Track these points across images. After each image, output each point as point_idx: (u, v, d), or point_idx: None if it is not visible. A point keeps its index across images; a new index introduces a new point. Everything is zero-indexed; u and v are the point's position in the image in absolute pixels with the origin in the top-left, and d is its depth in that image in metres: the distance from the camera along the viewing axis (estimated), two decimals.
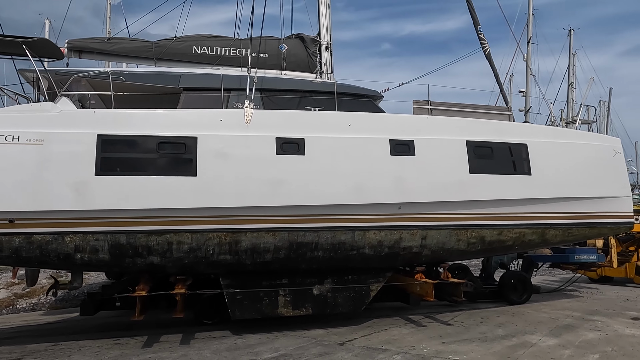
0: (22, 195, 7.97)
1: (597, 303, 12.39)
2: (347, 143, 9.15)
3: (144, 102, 9.08)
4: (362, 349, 8.17)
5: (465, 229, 9.88)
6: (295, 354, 7.95)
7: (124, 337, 9.44)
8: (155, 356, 7.98)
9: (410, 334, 9.24)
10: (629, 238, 15.46)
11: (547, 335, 8.90)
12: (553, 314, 10.94)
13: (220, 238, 8.75)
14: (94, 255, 8.43)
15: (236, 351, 8.20)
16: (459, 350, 8.02)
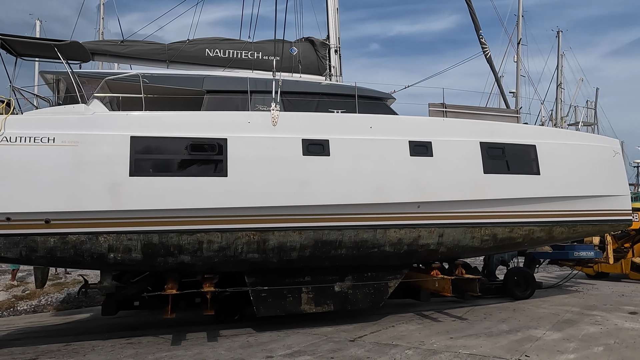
0: (57, 196, 8.06)
1: (594, 298, 12.74)
2: (369, 144, 9.45)
3: (167, 104, 9.19)
4: (373, 345, 8.36)
5: (479, 227, 10.27)
6: (308, 350, 8.12)
7: (134, 337, 9.52)
8: (170, 354, 8.08)
9: (417, 330, 9.46)
10: (624, 235, 15.96)
11: (550, 330, 9.17)
12: (553, 310, 11.25)
13: (248, 237, 8.95)
14: (127, 254, 8.54)
15: (250, 348, 8.34)
16: (467, 344, 8.25)
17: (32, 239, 8.17)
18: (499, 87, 12.88)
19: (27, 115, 8.58)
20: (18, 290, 15.84)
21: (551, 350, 7.76)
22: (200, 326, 10.41)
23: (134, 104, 9.09)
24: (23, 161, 8.03)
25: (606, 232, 13.56)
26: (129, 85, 9.12)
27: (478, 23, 12.29)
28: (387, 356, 7.64)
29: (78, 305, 14.65)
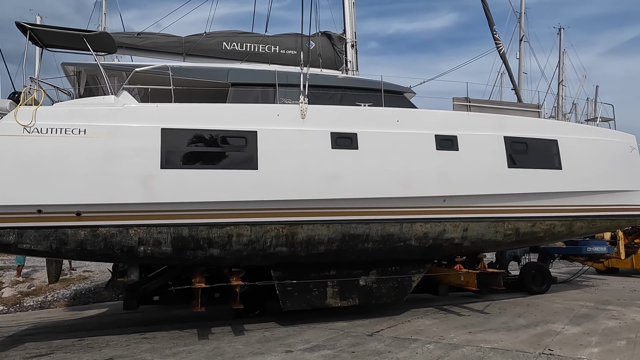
0: (89, 188, 7.95)
1: (606, 294, 12.70)
2: (396, 138, 9.42)
3: (190, 97, 9.06)
4: (392, 339, 8.28)
5: (503, 221, 10.26)
6: (327, 344, 8.02)
7: (148, 332, 9.40)
8: (187, 349, 7.97)
9: (434, 325, 9.38)
10: (634, 231, 15.99)
11: (568, 324, 9.11)
12: (567, 304, 11.19)
13: (277, 230, 8.89)
14: (157, 248, 8.45)
15: (267, 343, 8.24)
16: (487, 339, 8.17)
17: (63, 232, 8.05)
18: (512, 83, 12.87)
19: (57, 106, 8.45)
20: (23, 286, 15.68)
21: (573, 344, 7.69)
22: (213, 321, 10.31)
23: (158, 97, 9.01)
24: (54, 153, 7.91)
25: (623, 227, 13.57)
26: (152, 77, 9.00)
27: (492, 19, 12.41)
28: (408, 350, 7.55)
29: (85, 301, 14.54)
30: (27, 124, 7.87)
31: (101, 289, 15.89)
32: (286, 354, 7.48)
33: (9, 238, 7.91)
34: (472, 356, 7.14)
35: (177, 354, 7.69)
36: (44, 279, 16.96)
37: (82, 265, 20.21)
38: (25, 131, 7.85)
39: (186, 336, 9.00)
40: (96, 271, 18.44)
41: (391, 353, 7.41)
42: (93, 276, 17.59)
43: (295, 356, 7.37)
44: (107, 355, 7.70)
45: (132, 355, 7.68)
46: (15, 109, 7.95)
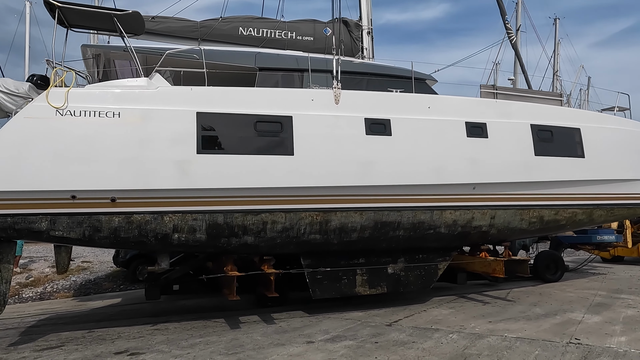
0: (124, 173, 7.69)
1: (615, 282, 12.66)
2: (428, 125, 9.34)
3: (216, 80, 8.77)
4: (412, 329, 8.11)
5: (528, 209, 10.25)
6: (348, 335, 7.83)
7: (159, 323, 9.15)
8: (204, 340, 7.74)
9: (451, 314, 9.23)
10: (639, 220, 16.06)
11: (587, 313, 9.01)
12: (580, 294, 11.12)
13: (312, 217, 8.75)
14: (191, 235, 8.23)
15: (285, 334, 8.03)
16: (510, 328, 8.03)
17: (97, 219, 7.79)
18: (523, 72, 12.81)
19: (88, 88, 8.12)
20: (22, 277, 15.30)
21: (599, 333, 7.58)
22: (223, 312, 10.10)
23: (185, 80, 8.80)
24: (88, 136, 7.63)
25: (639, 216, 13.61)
26: (179, 60, 8.72)
27: (504, 9, 12.60)
28: (432, 340, 7.39)
29: (86, 292, 14.22)
30: (59, 106, 7.55)
31: (101, 279, 15.60)
32: (308, 345, 7.28)
33: (41, 225, 7.59)
34: (499, 346, 7.00)
35: (195, 345, 7.46)
36: (41, 270, 16.60)
37: (80, 256, 19.83)
38: (57, 114, 7.54)
39: (199, 327, 8.77)
40: (95, 262, 18.10)
41: (415, 343, 7.24)
42: (92, 267, 17.26)
43: (318, 347, 7.17)
44: (121, 348, 7.44)
45: (147, 347, 7.42)
46: (46, 91, 7.58)
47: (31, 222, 7.54)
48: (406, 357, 6.58)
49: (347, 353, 6.81)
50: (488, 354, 6.63)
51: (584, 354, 6.50)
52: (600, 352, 6.57)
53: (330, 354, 6.80)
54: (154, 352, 7.12)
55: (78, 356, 7.05)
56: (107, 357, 6.97)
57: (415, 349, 6.93)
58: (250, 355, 6.83)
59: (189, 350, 7.16)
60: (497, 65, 38.79)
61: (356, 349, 6.98)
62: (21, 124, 7.42)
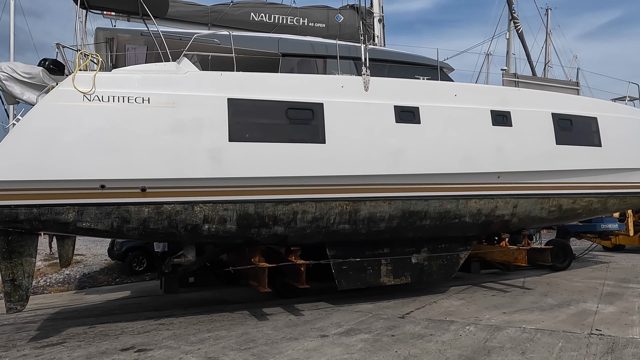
0: (155, 162, 7.36)
1: (620, 272, 12.60)
2: (455, 113, 9.20)
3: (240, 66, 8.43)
4: (427, 322, 7.90)
5: (548, 198, 10.22)
6: (362, 328, 7.60)
7: (163, 318, 8.83)
8: (213, 335, 7.44)
9: (463, 306, 9.05)
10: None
11: (601, 303, 8.89)
12: (587, 283, 11.02)
13: (341, 207, 8.54)
14: (222, 225, 7.96)
15: (297, 327, 7.77)
16: (527, 319, 7.86)
17: (126, 209, 7.46)
18: (529, 63, 12.75)
19: (115, 72, 7.71)
20: None
21: (618, 324, 7.43)
22: (226, 305, 9.83)
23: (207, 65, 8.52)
24: (117, 123, 7.30)
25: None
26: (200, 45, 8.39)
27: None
28: (450, 333, 7.18)
29: (81, 286, 13.80)
30: (87, 91, 7.16)
31: (96, 272, 15.18)
32: (322, 339, 7.03)
33: (68, 216, 7.24)
34: (520, 338, 6.81)
35: (204, 340, 7.16)
36: None
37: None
38: (85, 99, 7.16)
39: (205, 321, 8.46)
40: (88, 255, 17.66)
41: (433, 336, 7.03)
42: (85, 260, 16.82)
43: (333, 341, 6.92)
44: (127, 344, 7.12)
45: (154, 343, 7.11)
46: (72, 75, 7.19)
47: (58, 213, 7.19)
48: (427, 350, 6.36)
49: (365, 347, 6.57)
50: (511, 346, 6.44)
51: (610, 346, 6.34)
52: (625, 344, 6.41)
53: (348, 348, 6.56)
54: (163, 348, 6.81)
55: (82, 353, 6.71)
56: (113, 354, 6.64)
57: (435, 342, 6.72)
58: (264, 350, 6.56)
59: (199, 346, 6.86)
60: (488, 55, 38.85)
61: (374, 343, 6.75)
62: (48, 109, 7.03)
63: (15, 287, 7.23)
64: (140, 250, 14.91)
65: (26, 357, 6.63)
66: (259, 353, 6.43)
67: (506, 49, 35.30)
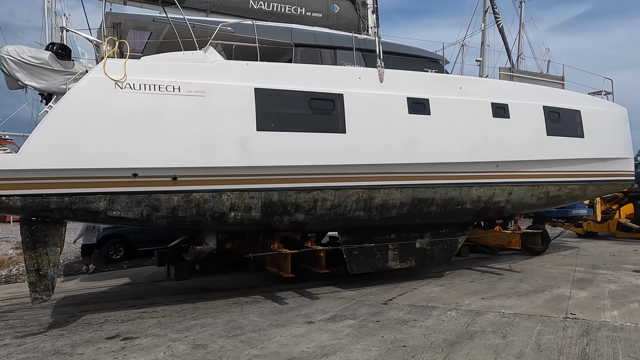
0: (186, 150, 7.44)
1: (589, 259, 13.11)
2: (461, 105, 9.72)
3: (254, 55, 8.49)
4: (410, 307, 8.09)
5: (538, 185, 11.01)
6: (347, 314, 7.72)
7: (146, 306, 8.75)
8: (199, 323, 7.44)
9: (443, 292, 9.28)
10: (613, 198, 16.90)
11: (573, 289, 9.25)
12: (560, 269, 11.43)
13: (358, 195, 8.90)
14: (247, 213, 8.14)
15: (283, 314, 7.84)
16: (505, 304, 8.14)
17: (156, 198, 7.50)
18: (508, 57, 13.12)
19: (145, 60, 7.66)
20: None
21: (591, 308, 7.78)
22: (206, 293, 9.80)
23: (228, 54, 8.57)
24: (149, 111, 7.29)
25: (619, 191, 14.72)
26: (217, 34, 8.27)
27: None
28: (433, 318, 7.38)
29: (57, 274, 13.47)
30: (119, 78, 7.13)
31: (70, 261, 14.88)
32: (309, 325, 7.12)
33: (99, 205, 7.25)
34: (500, 322, 7.06)
35: (191, 328, 7.16)
36: (5, 252, 15.69)
37: None
38: (117, 87, 7.12)
39: (190, 309, 8.44)
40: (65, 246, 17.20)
41: (417, 321, 7.21)
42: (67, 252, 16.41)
43: (320, 327, 7.03)
44: (112, 332, 7.06)
45: (140, 331, 7.07)
46: (103, 62, 7.14)
47: (89, 201, 7.17)
48: (413, 335, 6.53)
49: (352, 332, 6.69)
50: (492, 330, 6.67)
51: (584, 329, 6.64)
52: (598, 327, 6.73)
53: (335, 333, 6.67)
54: (149, 336, 6.78)
55: (66, 342, 6.62)
56: (98, 342, 6.58)
57: (419, 327, 6.90)
58: (252, 337, 6.61)
59: (186, 334, 6.86)
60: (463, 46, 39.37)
61: (360, 329, 6.88)
62: (80, 97, 7.00)
63: (40, 277, 7.22)
64: (117, 238, 14.68)
65: (8, 347, 6.51)
66: (248, 340, 6.48)
67: (481, 39, 36.11)
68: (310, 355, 5.82)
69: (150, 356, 5.93)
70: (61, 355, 6.06)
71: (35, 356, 6.07)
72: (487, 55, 36.55)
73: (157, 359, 5.85)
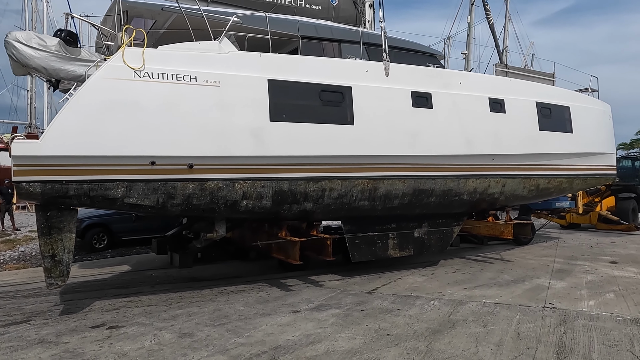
0: (203, 139, 7.60)
1: (568, 250, 13.42)
2: (461, 99, 10.03)
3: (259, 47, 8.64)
4: (394, 297, 8.22)
5: (529, 178, 11.47)
6: (332, 303, 7.83)
7: (131, 295, 8.75)
8: (185, 312, 7.47)
9: (426, 282, 9.45)
10: (595, 191, 17.44)
11: (552, 279, 9.49)
12: (539, 261, 11.69)
13: (363, 185, 9.17)
14: (258, 202, 8.32)
15: (268, 304, 7.91)
16: (486, 294, 8.33)
17: (172, 185, 7.63)
18: (498, 53, 13.33)
19: (161, 49, 7.71)
20: None
21: (568, 298, 8.00)
22: (191, 282, 9.85)
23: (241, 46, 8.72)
24: (167, 100, 7.41)
25: (602, 184, 15.36)
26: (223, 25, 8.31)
27: None
28: (416, 307, 7.53)
29: (38, 263, 13.33)
30: (138, 67, 7.19)
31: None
32: (294, 314, 7.21)
33: (116, 192, 7.35)
34: (481, 311, 7.24)
35: (177, 317, 7.19)
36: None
37: (26, 225, 18.66)
38: (136, 75, 7.19)
39: (175, 298, 8.46)
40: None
41: (401, 310, 7.35)
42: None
43: (305, 316, 7.12)
44: (97, 321, 7.06)
45: (125, 320, 7.08)
46: (122, 50, 7.17)
47: (107, 188, 7.27)
48: (396, 324, 6.66)
49: (337, 322, 6.80)
50: (473, 319, 6.84)
51: (562, 318, 6.84)
52: (575, 316, 6.94)
53: (320, 322, 6.77)
54: (135, 325, 6.80)
55: (51, 331, 6.61)
56: (84, 331, 6.58)
57: (403, 316, 7.03)
58: (239, 325, 6.67)
59: (172, 322, 6.89)
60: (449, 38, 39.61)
61: (345, 318, 6.99)
62: (100, 85, 7.08)
63: (55, 263, 7.28)
64: (101, 227, 14.56)
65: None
66: (234, 328, 6.54)
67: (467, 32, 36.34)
68: (295, 343, 5.91)
69: (137, 345, 5.96)
70: (46, 344, 6.05)
71: (19, 345, 6.05)
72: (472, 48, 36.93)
73: (143, 347, 5.88)
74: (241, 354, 5.57)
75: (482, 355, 5.45)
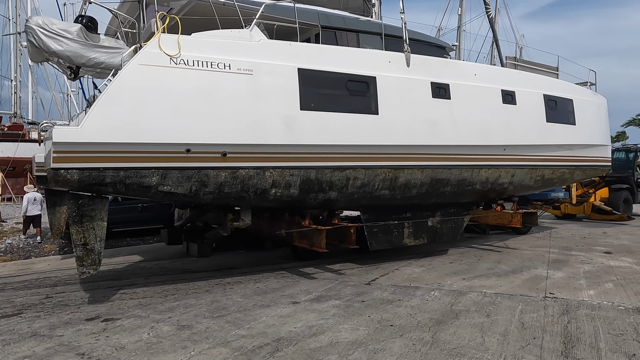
0: (236, 127, 7.61)
1: (562, 241, 13.48)
2: (476, 91, 10.22)
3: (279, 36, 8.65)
4: (393, 288, 8.14)
5: (536, 169, 11.72)
6: (331, 294, 7.72)
7: (124, 288, 8.55)
8: (182, 304, 7.30)
9: (424, 272, 9.38)
10: (590, 182, 17.65)
11: (550, 270, 9.49)
12: (535, 251, 11.72)
13: (385, 174, 9.28)
14: (286, 190, 8.37)
15: (266, 295, 7.77)
16: (486, 284, 8.28)
17: (205, 174, 7.64)
18: (497, 47, 13.40)
19: (195, 36, 7.59)
20: None
21: (568, 287, 7.99)
22: (185, 274, 9.68)
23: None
24: (202, 88, 7.41)
25: (598, 175, 15.59)
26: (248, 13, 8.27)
27: None
28: (417, 298, 7.45)
29: (26, 255, 13.04)
30: (174, 54, 7.14)
31: (40, 242, 14.38)
32: (294, 306, 7.08)
33: (151, 179, 7.32)
34: (483, 302, 7.18)
35: (174, 309, 7.02)
36: None
37: (12, 217, 18.26)
38: (172, 62, 7.15)
39: (171, 290, 8.28)
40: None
41: (402, 301, 7.26)
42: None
43: (306, 307, 7.00)
44: (92, 314, 6.86)
45: (121, 312, 6.89)
46: (157, 37, 7.07)
47: (143, 176, 7.24)
48: (399, 314, 6.57)
49: (338, 312, 6.69)
50: (476, 309, 6.77)
51: (564, 307, 6.81)
52: (577, 305, 6.91)
53: (322, 313, 6.65)
54: (131, 317, 6.61)
55: (44, 324, 6.40)
56: (78, 324, 6.38)
57: (404, 307, 6.95)
58: (238, 317, 6.53)
59: (170, 314, 6.72)
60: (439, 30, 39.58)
61: (346, 309, 6.88)
62: (137, 72, 7.03)
63: (87, 251, 7.22)
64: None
65: None
66: (234, 320, 6.40)
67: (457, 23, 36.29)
68: (298, 335, 5.79)
69: (134, 337, 5.79)
70: (39, 337, 5.85)
71: (12, 338, 5.84)
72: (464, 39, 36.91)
73: (141, 340, 5.71)
74: (243, 346, 5.43)
75: (489, 345, 5.38)
